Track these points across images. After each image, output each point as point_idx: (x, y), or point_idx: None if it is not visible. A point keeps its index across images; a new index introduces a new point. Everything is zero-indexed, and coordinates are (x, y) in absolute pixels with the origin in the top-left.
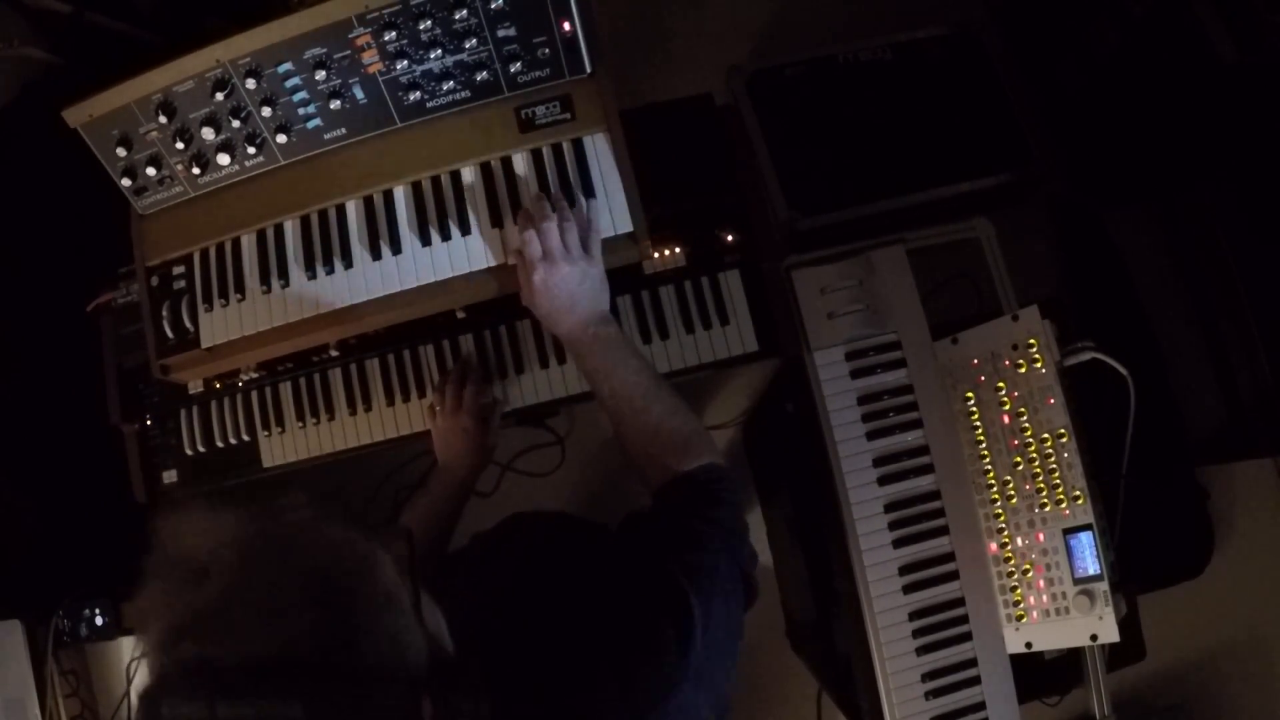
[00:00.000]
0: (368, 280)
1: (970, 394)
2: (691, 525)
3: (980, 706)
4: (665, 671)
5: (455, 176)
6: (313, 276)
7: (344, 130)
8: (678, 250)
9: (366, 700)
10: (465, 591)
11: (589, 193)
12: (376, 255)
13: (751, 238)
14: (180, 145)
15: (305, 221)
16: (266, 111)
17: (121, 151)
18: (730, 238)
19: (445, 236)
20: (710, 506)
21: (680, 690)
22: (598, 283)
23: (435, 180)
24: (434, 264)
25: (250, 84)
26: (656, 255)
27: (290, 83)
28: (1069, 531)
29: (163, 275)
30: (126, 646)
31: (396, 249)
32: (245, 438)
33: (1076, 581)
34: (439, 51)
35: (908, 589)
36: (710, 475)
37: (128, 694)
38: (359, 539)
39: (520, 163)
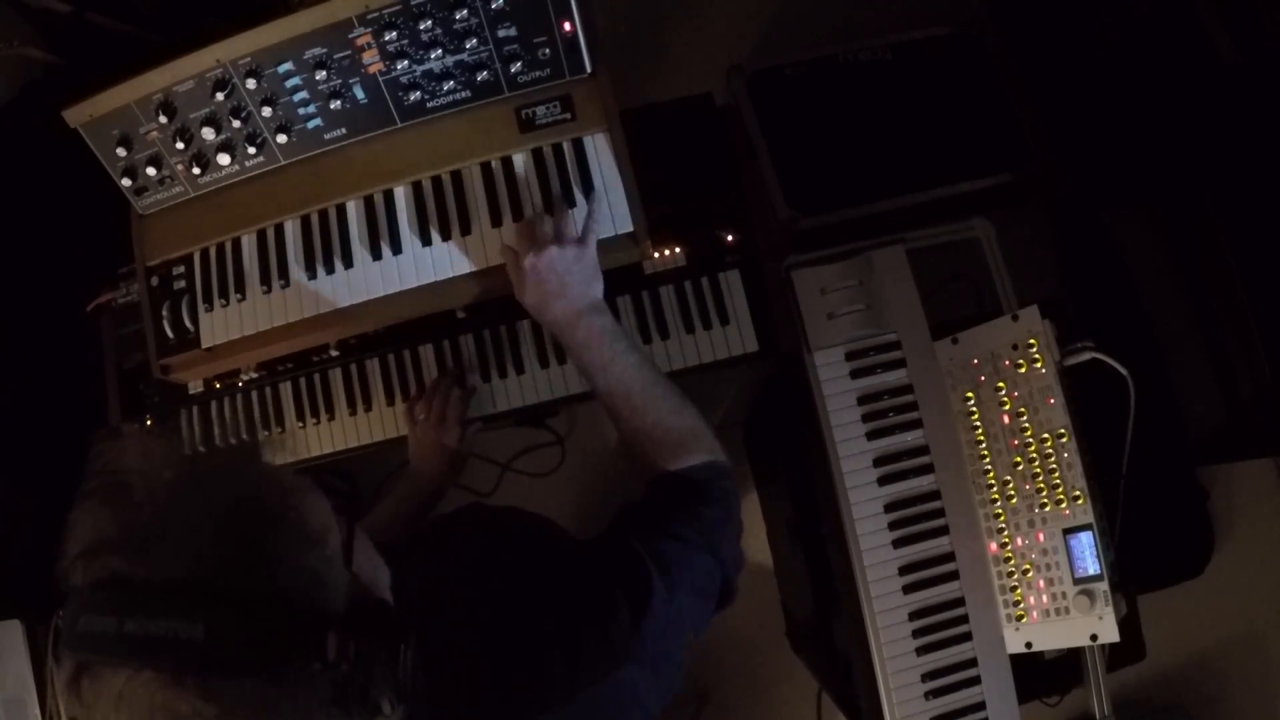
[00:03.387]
0: (368, 280)
1: (970, 394)
2: (672, 516)
3: (980, 706)
4: (614, 643)
5: (455, 176)
6: (313, 276)
7: (344, 130)
8: (678, 250)
9: (268, 628)
10: (419, 563)
11: (589, 192)
12: (377, 255)
13: (751, 238)
14: (180, 145)
15: (305, 221)
16: (267, 111)
17: (121, 151)
18: (730, 238)
19: (445, 236)
20: (697, 503)
21: (627, 667)
22: (590, 269)
23: (435, 180)
24: (434, 264)
25: (250, 84)
26: (656, 255)
27: (290, 83)
28: (1069, 531)
29: (163, 275)
30: None
31: (397, 249)
32: (245, 438)
33: (1076, 581)
34: (439, 51)
35: (908, 589)
36: (705, 473)
37: None
38: (290, 477)
39: (520, 163)
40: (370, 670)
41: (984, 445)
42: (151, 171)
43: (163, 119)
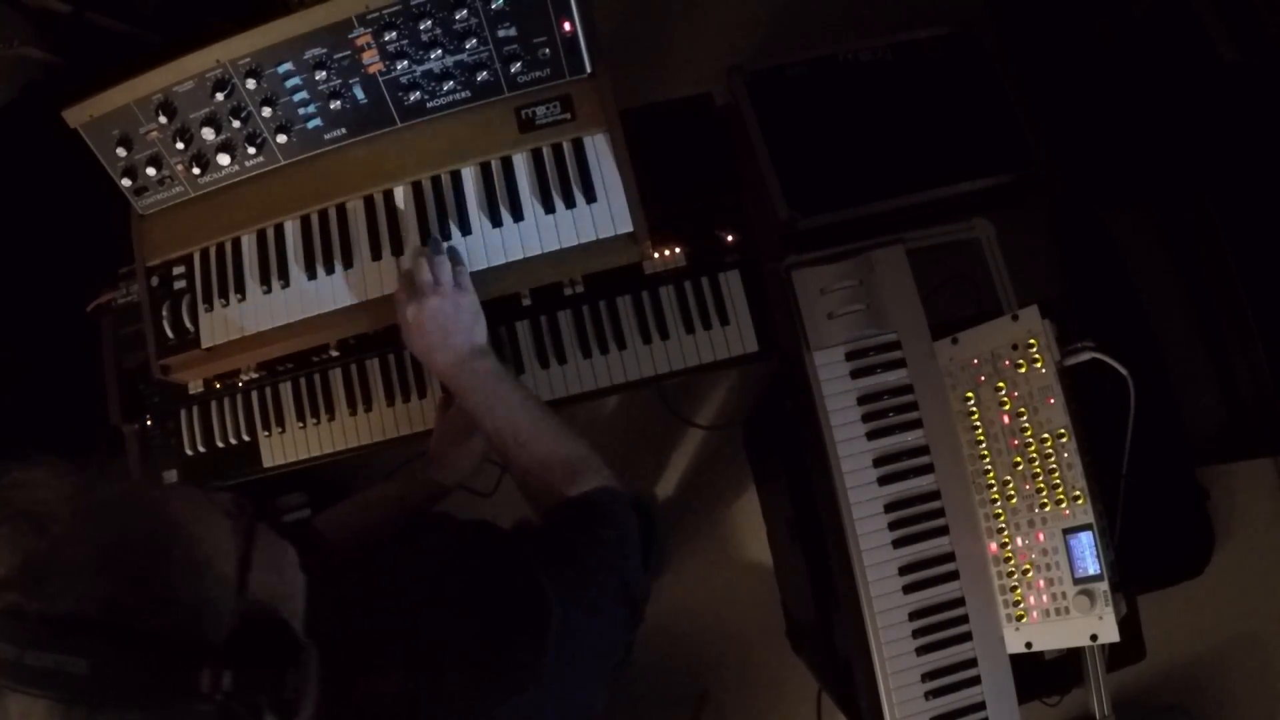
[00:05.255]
0: (368, 280)
1: (970, 394)
2: (572, 540)
3: (980, 706)
4: (514, 671)
5: (455, 176)
6: (313, 276)
7: (344, 130)
8: (678, 250)
9: (146, 664)
10: (355, 579)
11: (589, 193)
12: (377, 255)
13: (751, 238)
14: (180, 145)
15: (305, 221)
16: (266, 111)
17: (121, 151)
18: (730, 238)
19: (445, 237)
20: (596, 526)
21: (527, 693)
22: (469, 314)
23: (435, 180)
24: None
25: (250, 84)
26: (656, 255)
27: (290, 83)
28: (1069, 531)
29: (163, 275)
30: None
31: (397, 249)
32: (245, 438)
33: (1076, 581)
34: (439, 52)
35: (908, 589)
36: (601, 497)
37: None
38: (186, 506)
39: (520, 163)
40: (253, 694)
41: (984, 445)
42: (151, 171)
43: (163, 119)
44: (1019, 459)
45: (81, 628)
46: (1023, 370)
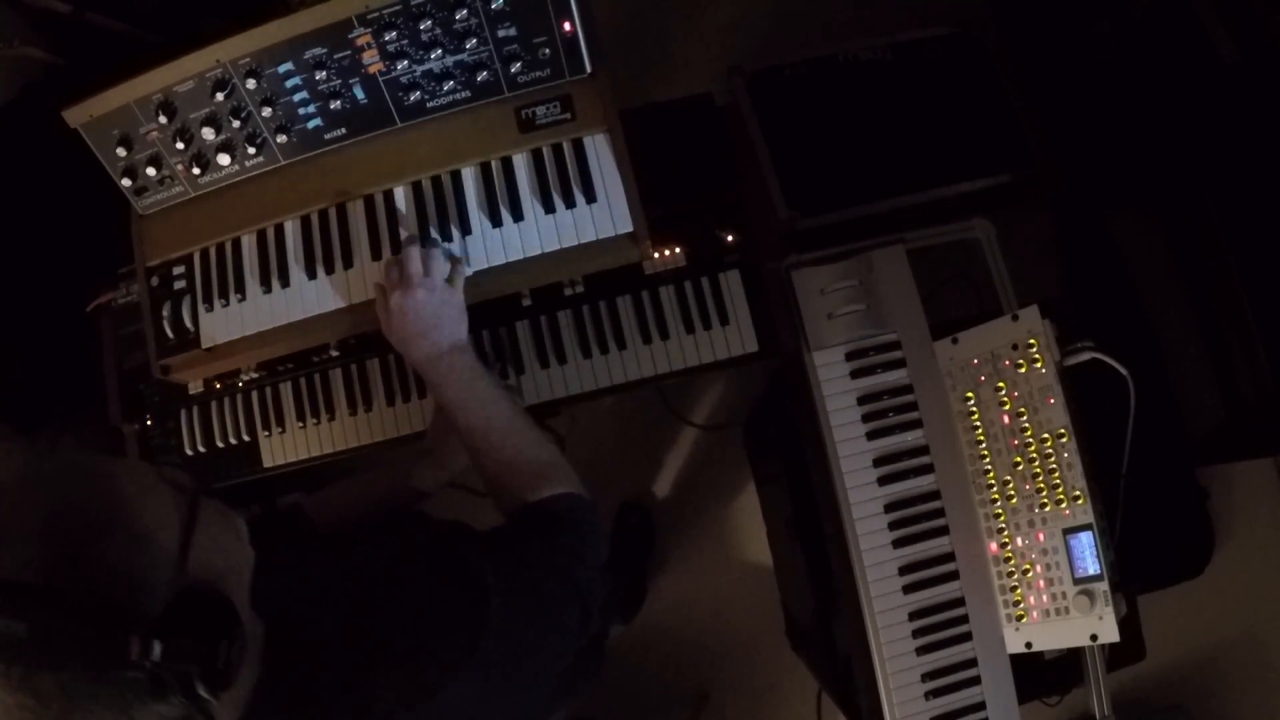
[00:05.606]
0: (369, 280)
1: (970, 394)
2: (525, 544)
3: (980, 706)
4: (445, 662)
5: (455, 176)
6: (313, 276)
7: (344, 130)
8: (678, 250)
9: (80, 630)
10: (318, 564)
11: (589, 193)
12: (377, 255)
13: (751, 238)
14: (180, 145)
15: (305, 221)
16: (266, 111)
17: (121, 151)
18: (730, 238)
19: (446, 238)
20: (553, 532)
21: (456, 684)
22: (455, 312)
23: (435, 180)
24: None
25: (250, 84)
26: (656, 255)
27: (290, 83)
28: (1069, 531)
29: (163, 275)
30: None
31: (397, 250)
32: (245, 438)
33: (1076, 581)
34: (439, 51)
35: (908, 589)
36: (561, 504)
37: None
38: (132, 479)
39: (520, 163)
40: (182, 664)
41: (984, 445)
42: (151, 171)
43: (163, 119)
44: (1019, 459)
45: (22, 593)
46: (1023, 370)
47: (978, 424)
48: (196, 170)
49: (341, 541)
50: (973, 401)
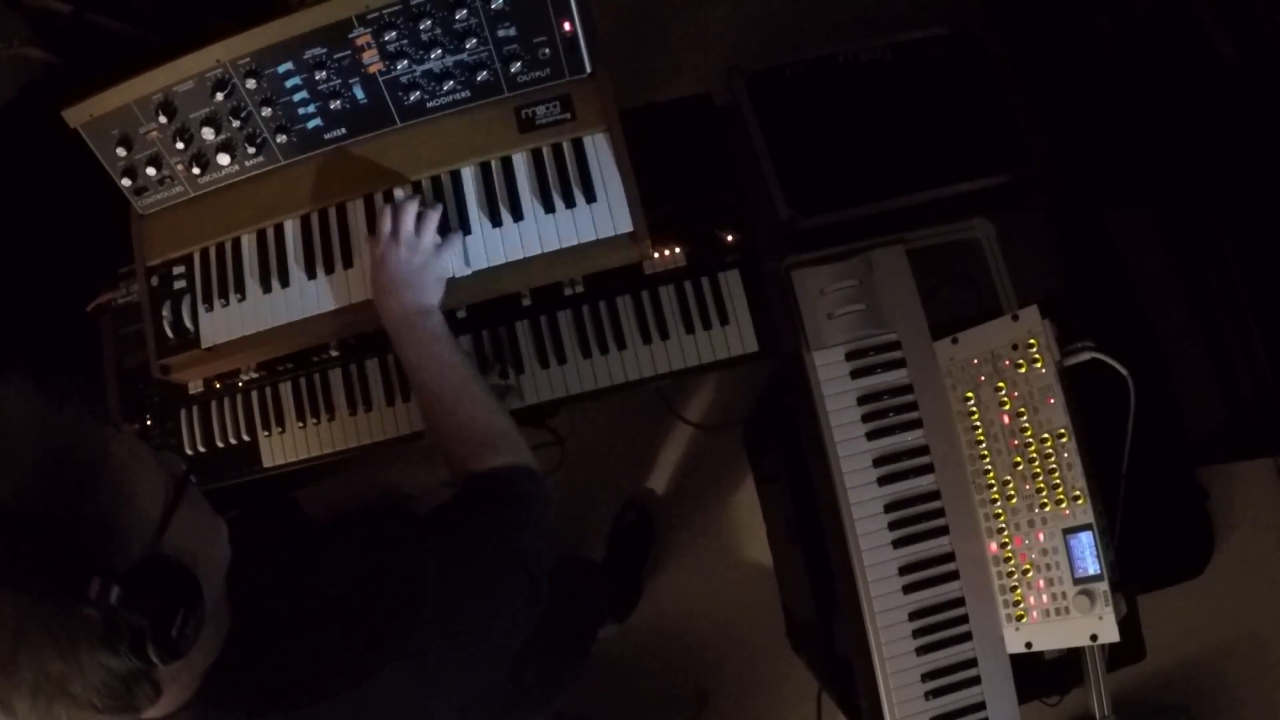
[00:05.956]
0: (368, 280)
1: (970, 394)
2: (468, 516)
3: (980, 706)
4: (383, 640)
5: (455, 176)
6: (313, 276)
7: (344, 130)
8: (678, 250)
9: (45, 556)
10: (285, 555)
11: (589, 193)
12: None
13: (751, 238)
14: (180, 145)
15: (305, 221)
16: (266, 111)
17: (121, 151)
18: (730, 238)
19: None
20: (498, 503)
21: (395, 665)
22: (433, 277)
23: (435, 180)
24: None
25: (250, 84)
26: (656, 255)
27: (290, 83)
28: (1069, 531)
29: (163, 275)
30: None
31: None
32: (245, 438)
33: (1076, 581)
34: (439, 51)
35: (908, 589)
36: (507, 475)
37: None
38: (127, 446)
39: (520, 163)
40: (137, 621)
41: (984, 445)
42: (151, 171)
43: (163, 119)
44: (1019, 459)
45: (3, 515)
46: (1023, 370)
47: (978, 424)
48: (196, 170)
49: (317, 531)
50: (973, 401)
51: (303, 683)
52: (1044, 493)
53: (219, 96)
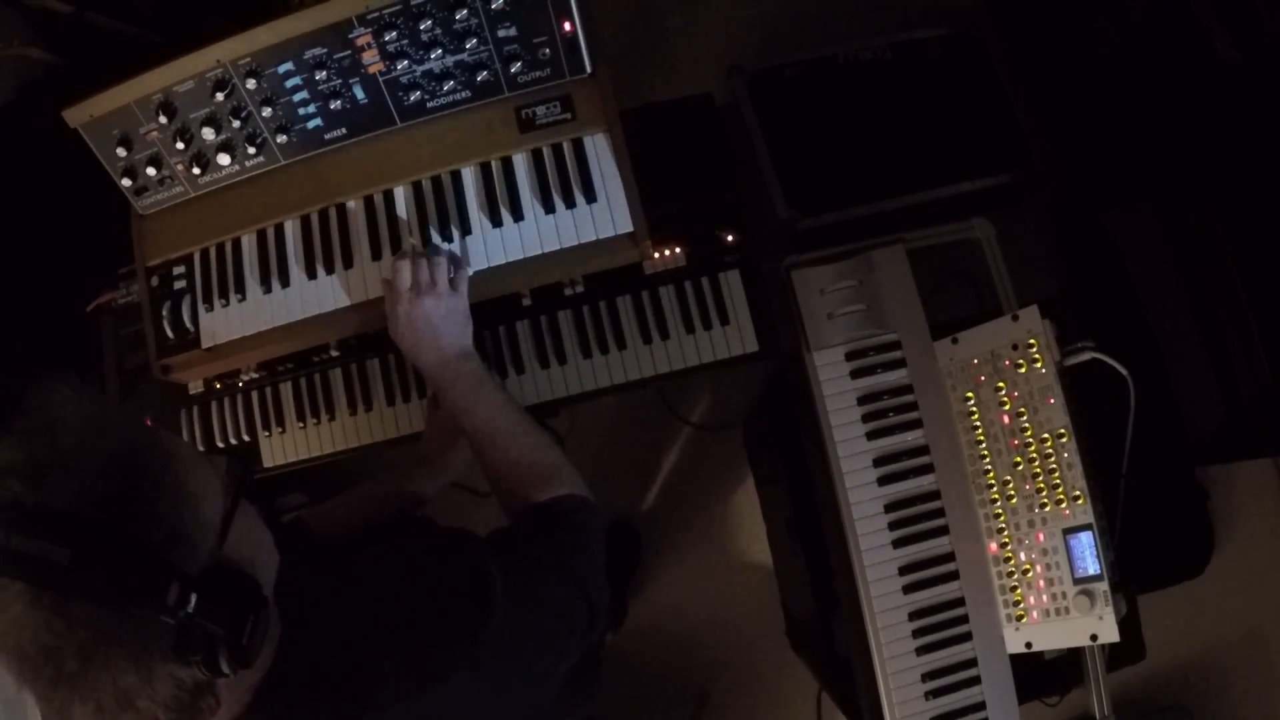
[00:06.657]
0: (369, 280)
1: (970, 394)
2: (530, 541)
3: (980, 706)
4: (447, 651)
5: (455, 176)
6: (313, 276)
7: (344, 130)
8: (678, 250)
9: (122, 565)
10: (327, 569)
11: (589, 193)
12: (377, 255)
13: (751, 238)
14: (180, 145)
15: (305, 221)
16: (267, 111)
17: (121, 151)
18: (730, 238)
19: (446, 238)
20: (557, 531)
21: (459, 674)
22: (461, 318)
23: (435, 180)
24: None
25: (250, 84)
26: (656, 255)
27: (290, 83)
28: (1069, 531)
29: (163, 275)
30: None
31: (397, 249)
32: (245, 438)
33: (1076, 581)
34: (439, 51)
35: (908, 589)
36: (565, 505)
37: None
38: (188, 451)
39: (520, 163)
40: (212, 629)
41: (984, 445)
42: (151, 171)
43: (163, 119)
44: (1019, 459)
45: (71, 522)
46: (1023, 370)
47: (978, 424)
48: (196, 170)
49: (345, 548)
50: (973, 401)
51: (361, 693)
52: (1044, 493)
53: (219, 96)
